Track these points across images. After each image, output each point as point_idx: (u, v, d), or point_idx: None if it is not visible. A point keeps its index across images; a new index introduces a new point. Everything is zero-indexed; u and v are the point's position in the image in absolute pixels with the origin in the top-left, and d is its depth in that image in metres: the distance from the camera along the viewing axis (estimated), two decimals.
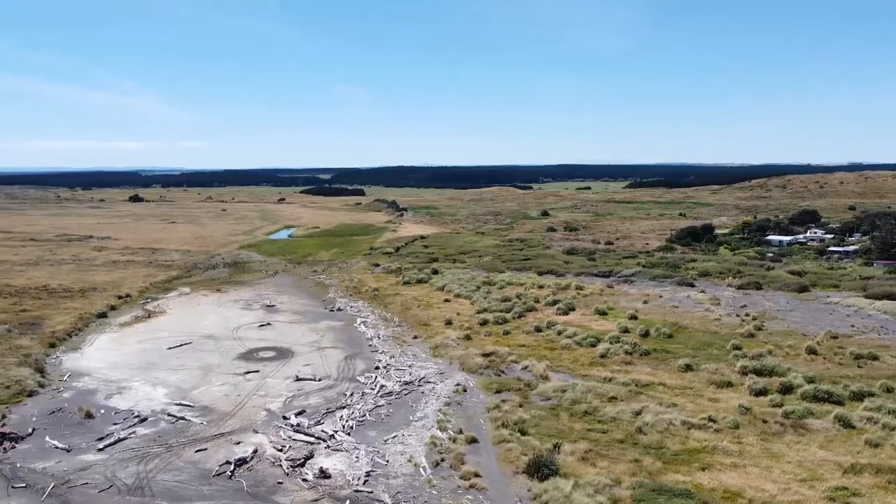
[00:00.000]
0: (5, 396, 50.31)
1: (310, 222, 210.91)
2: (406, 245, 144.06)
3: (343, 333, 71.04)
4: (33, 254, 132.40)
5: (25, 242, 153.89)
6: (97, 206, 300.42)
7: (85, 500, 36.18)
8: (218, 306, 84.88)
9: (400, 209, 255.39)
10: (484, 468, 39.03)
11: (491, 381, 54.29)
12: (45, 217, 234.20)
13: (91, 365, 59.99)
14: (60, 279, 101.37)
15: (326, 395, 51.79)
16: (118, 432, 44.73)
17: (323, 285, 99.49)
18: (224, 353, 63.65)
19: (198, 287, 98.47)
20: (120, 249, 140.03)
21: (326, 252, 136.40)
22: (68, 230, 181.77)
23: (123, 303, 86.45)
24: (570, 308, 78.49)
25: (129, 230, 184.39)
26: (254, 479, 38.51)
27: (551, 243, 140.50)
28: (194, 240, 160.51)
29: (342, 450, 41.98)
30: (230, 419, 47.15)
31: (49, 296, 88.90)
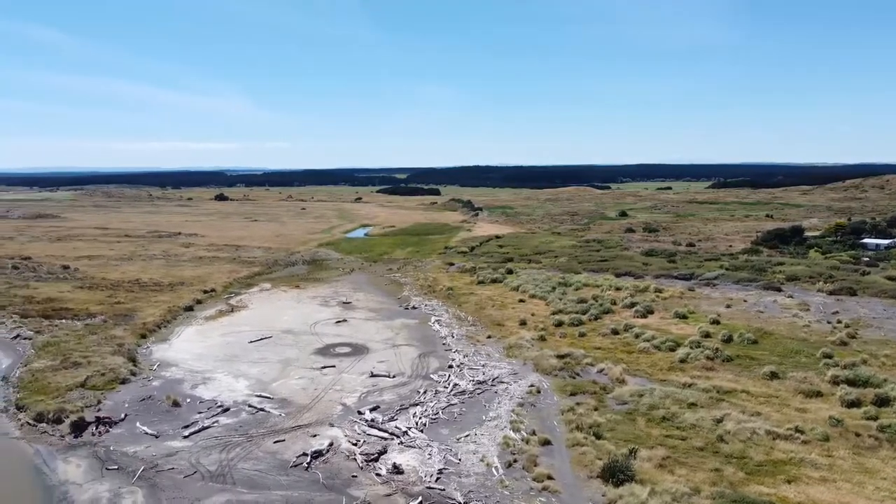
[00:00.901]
0: (101, 383, 53.16)
1: (386, 221, 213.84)
2: (481, 245, 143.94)
3: (417, 331, 71.59)
4: (127, 249, 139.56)
5: (120, 238, 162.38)
6: (185, 205, 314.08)
7: (171, 485, 37.78)
8: (297, 302, 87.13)
9: (475, 209, 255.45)
10: (557, 471, 38.49)
11: (565, 383, 53.52)
12: (138, 215, 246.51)
13: (178, 356, 62.66)
14: (151, 274, 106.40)
15: (400, 392, 52.29)
16: (202, 421, 46.54)
17: (398, 283, 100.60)
18: (302, 347, 65.26)
19: (278, 283, 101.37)
20: (206, 246, 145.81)
21: (402, 251, 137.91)
22: (159, 227, 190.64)
23: (208, 297, 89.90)
24: (649, 311, 76.48)
25: (215, 228, 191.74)
26: (329, 471, 39.28)
27: (629, 244, 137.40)
28: (275, 237, 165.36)
29: (415, 446, 42.27)
30: (307, 412, 48.27)
31: (141, 289, 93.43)
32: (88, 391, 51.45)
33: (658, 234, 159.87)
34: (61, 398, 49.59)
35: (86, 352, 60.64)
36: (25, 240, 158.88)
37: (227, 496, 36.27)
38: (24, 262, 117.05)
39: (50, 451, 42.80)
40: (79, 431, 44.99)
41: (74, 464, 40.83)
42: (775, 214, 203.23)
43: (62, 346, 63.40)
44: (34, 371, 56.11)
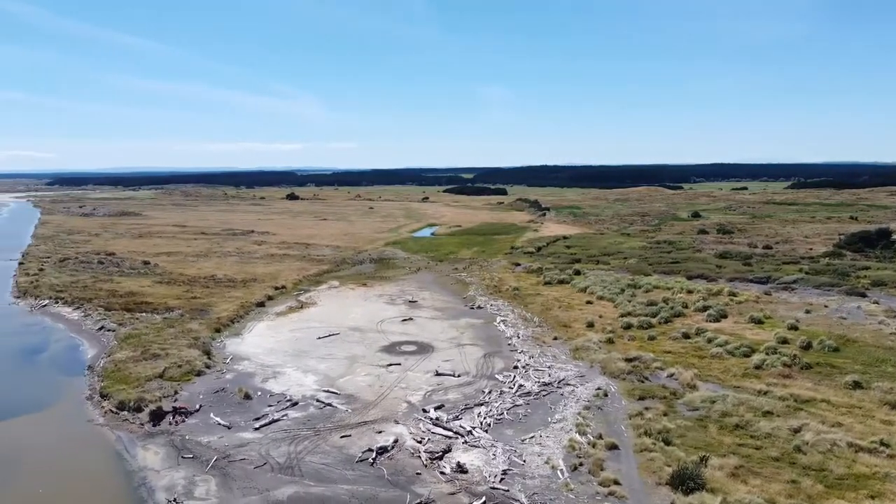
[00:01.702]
0: (177, 375, 55.28)
1: (452, 221, 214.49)
2: (548, 245, 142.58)
3: (482, 331, 71.49)
4: (203, 246, 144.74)
5: (197, 236, 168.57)
6: (258, 204, 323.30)
7: (242, 475, 38.91)
8: (364, 300, 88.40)
9: (542, 209, 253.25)
10: (624, 476, 37.70)
11: (634, 387, 52.41)
12: (213, 213, 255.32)
13: (250, 350, 64.54)
14: (225, 270, 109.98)
15: (465, 392, 52.32)
16: (272, 414, 47.77)
17: (464, 283, 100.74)
18: (368, 344, 66.14)
19: (346, 281, 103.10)
20: (277, 244, 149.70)
21: (468, 250, 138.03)
22: (233, 225, 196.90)
23: (279, 293, 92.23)
24: (722, 315, 74.04)
25: (286, 226, 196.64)
26: (394, 467, 39.65)
27: (702, 246, 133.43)
28: (343, 236, 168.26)
29: (479, 446, 42.20)
30: (373, 409, 48.87)
31: (215, 285, 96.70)
32: (166, 382, 53.60)
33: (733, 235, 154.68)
34: (141, 388, 51.82)
35: (164, 344, 63.19)
36: (110, 236, 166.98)
37: (295, 488, 37.09)
38: (109, 258, 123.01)
39: (130, 437, 44.80)
40: (157, 420, 46.92)
41: (153, 451, 42.59)
42: (860, 216, 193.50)
43: (142, 338, 66.27)
44: (117, 361, 58.85)
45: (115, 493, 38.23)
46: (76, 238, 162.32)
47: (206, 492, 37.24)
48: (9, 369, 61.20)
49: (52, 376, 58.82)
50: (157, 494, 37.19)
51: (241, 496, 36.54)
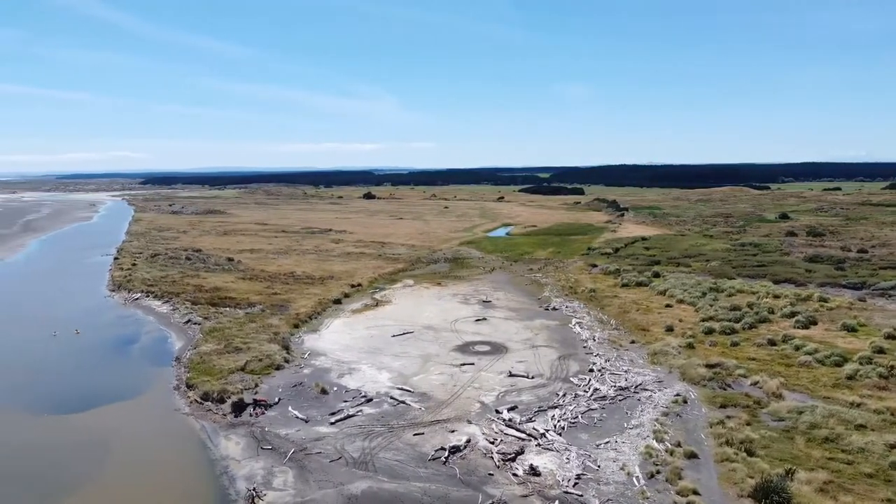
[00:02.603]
0: (258, 368, 57.07)
1: (527, 221, 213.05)
2: (626, 246, 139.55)
3: (557, 333, 70.61)
4: (283, 244, 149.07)
5: (277, 234, 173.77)
6: (336, 203, 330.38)
7: (318, 468, 39.78)
8: (438, 299, 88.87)
9: (620, 209, 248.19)
10: (703, 486, 36.40)
11: (715, 395, 50.57)
12: (293, 212, 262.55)
13: (326, 346, 65.95)
14: (304, 267, 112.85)
15: (539, 394, 51.79)
16: (347, 409, 48.64)
17: (539, 284, 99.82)
18: (442, 344, 66.43)
19: (420, 280, 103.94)
20: (354, 242, 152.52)
21: (543, 251, 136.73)
22: (311, 224, 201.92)
23: (355, 291, 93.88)
24: (811, 321, 70.50)
25: (362, 225, 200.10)
26: (466, 467, 39.63)
27: (790, 249, 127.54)
28: (418, 235, 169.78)
29: (553, 449, 41.67)
30: (446, 408, 49.03)
31: (295, 281, 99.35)
32: (247, 375, 55.42)
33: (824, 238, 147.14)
34: (224, 380, 53.78)
35: (246, 338, 65.38)
36: (197, 233, 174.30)
37: (368, 483, 37.61)
38: (196, 254, 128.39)
39: (214, 427, 46.57)
40: (238, 411, 48.59)
41: (234, 441, 44.13)
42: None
43: (226, 332, 68.78)
44: (202, 354, 61.30)
45: (199, 480, 39.81)
46: (166, 235, 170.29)
47: (284, 483, 38.26)
48: (105, 359, 64.75)
49: (142, 366, 61.87)
50: (238, 483, 38.49)
51: (317, 489, 37.35)
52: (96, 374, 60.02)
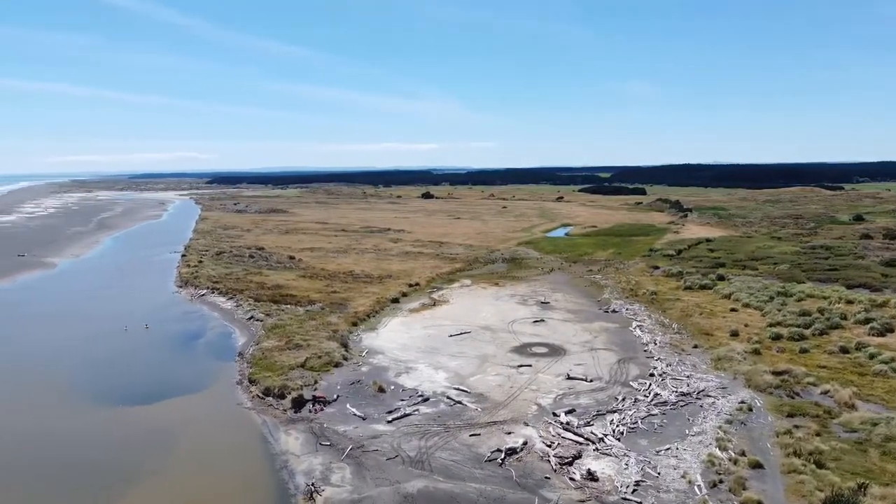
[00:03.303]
0: (317, 365, 58.01)
1: (587, 221, 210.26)
2: (689, 248, 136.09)
3: (617, 336, 69.38)
4: (343, 243, 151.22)
5: (337, 233, 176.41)
6: (394, 202, 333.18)
7: (375, 465, 40.14)
8: (495, 299, 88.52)
9: (683, 210, 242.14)
10: (769, 498, 35.12)
11: (782, 403, 48.75)
12: (353, 211, 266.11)
13: (384, 345, 66.52)
14: (363, 266, 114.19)
15: (597, 397, 50.97)
16: (404, 408, 48.93)
17: (598, 285, 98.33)
18: (499, 344, 66.12)
19: (478, 280, 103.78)
20: (412, 242, 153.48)
21: (603, 252, 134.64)
22: (370, 223, 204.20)
23: (413, 290, 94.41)
24: (888, 329, 67.23)
25: (420, 224, 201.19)
26: (523, 470, 39.32)
27: (865, 252, 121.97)
28: (476, 235, 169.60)
29: (611, 454, 40.95)
30: (502, 409, 48.77)
31: (353, 280, 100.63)
32: (307, 371, 56.40)
33: None
34: (284, 376, 54.86)
35: (305, 335, 66.55)
36: (260, 232, 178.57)
37: (424, 482, 37.72)
38: (259, 252, 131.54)
39: (274, 422, 47.57)
40: (298, 407, 49.49)
41: (294, 436, 44.97)
42: None
43: (286, 328, 70.17)
44: (264, 350, 62.71)
45: (259, 474, 40.72)
46: (231, 233, 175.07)
47: (342, 479, 38.76)
48: (172, 353, 67.00)
49: (207, 361, 63.74)
50: (297, 478, 39.21)
51: (373, 486, 37.68)
52: (164, 368, 62.16)
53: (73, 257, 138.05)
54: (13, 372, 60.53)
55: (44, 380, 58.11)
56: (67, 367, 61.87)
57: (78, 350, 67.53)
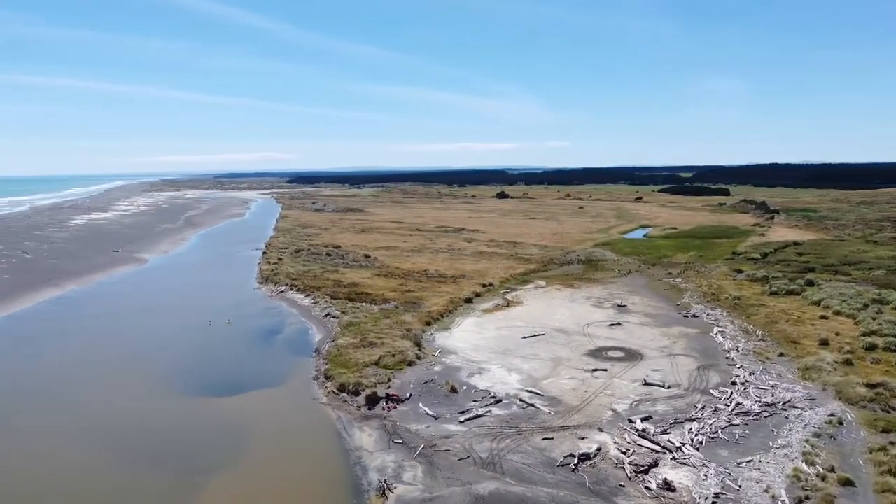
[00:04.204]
0: (391, 363, 58.66)
1: (667, 222, 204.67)
2: (775, 251, 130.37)
3: (697, 342, 67.16)
4: (417, 242, 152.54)
5: (412, 232, 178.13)
6: (469, 202, 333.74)
7: (447, 465, 40.23)
8: (570, 301, 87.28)
9: (770, 211, 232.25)
10: None
11: (876, 418, 45.97)
12: (428, 210, 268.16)
13: (457, 345, 66.63)
14: (437, 266, 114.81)
15: (675, 405, 49.46)
16: (476, 409, 48.84)
17: (677, 289, 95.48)
18: (573, 347, 65.14)
19: (552, 281, 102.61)
20: (486, 242, 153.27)
21: (683, 254, 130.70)
22: (445, 223, 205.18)
23: (486, 291, 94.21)
24: None
25: (494, 224, 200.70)
26: (596, 476, 38.56)
27: None
28: (551, 236, 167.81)
29: (689, 464, 39.64)
30: (576, 413, 48.00)
31: (427, 279, 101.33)
32: (381, 369, 57.11)
33: None
34: (359, 373, 55.74)
35: (380, 333, 67.43)
36: (337, 230, 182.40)
37: (496, 484, 37.51)
38: (335, 250, 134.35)
39: (349, 418, 48.40)
40: (372, 405, 50.18)
41: (367, 433, 45.62)
42: None
43: (361, 326, 71.32)
44: (339, 347, 63.93)
45: (334, 469, 41.52)
46: (309, 231, 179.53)
47: (414, 477, 39.03)
48: (252, 348, 69.24)
49: (285, 356, 65.55)
50: (370, 474, 39.75)
51: (445, 486, 37.77)
52: (245, 362, 64.30)
53: (162, 253, 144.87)
54: (108, 361, 63.95)
55: (134, 370, 61.18)
56: (156, 358, 64.92)
57: (166, 343, 70.78)
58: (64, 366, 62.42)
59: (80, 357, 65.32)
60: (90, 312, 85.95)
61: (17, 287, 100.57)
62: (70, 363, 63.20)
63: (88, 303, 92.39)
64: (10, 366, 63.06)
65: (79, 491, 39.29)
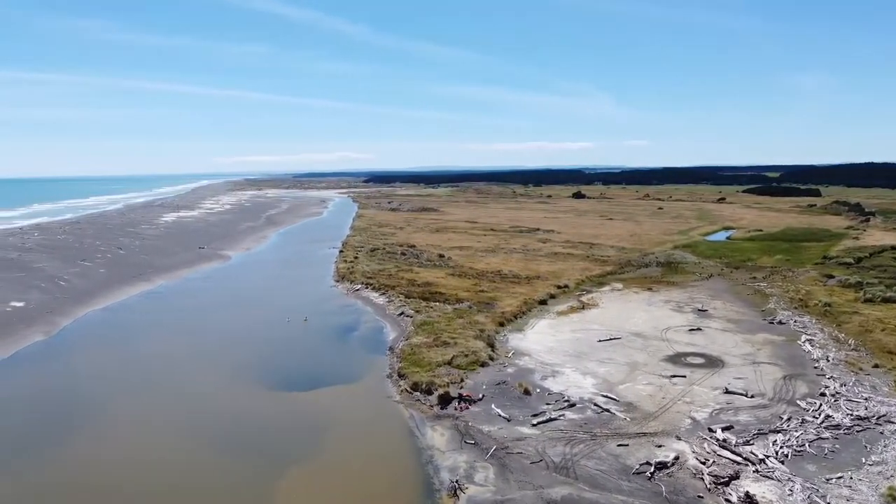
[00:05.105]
0: (464, 363, 58.67)
1: (752, 224, 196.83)
2: (871, 256, 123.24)
3: (783, 350, 64.20)
4: (491, 242, 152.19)
5: (486, 232, 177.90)
6: (544, 202, 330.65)
7: (519, 468, 39.90)
8: (648, 305, 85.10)
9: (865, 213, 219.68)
10: None
11: None
12: (502, 210, 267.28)
13: (530, 346, 66.02)
14: (511, 266, 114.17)
15: (758, 415, 47.41)
16: (550, 412, 48.23)
17: (763, 294, 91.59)
18: (651, 352, 63.45)
19: (629, 284, 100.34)
20: (561, 242, 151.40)
21: (769, 258, 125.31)
22: (519, 222, 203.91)
23: (561, 292, 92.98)
24: None
25: (570, 225, 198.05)
26: (673, 486, 37.41)
27: None
28: (629, 237, 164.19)
29: (773, 478, 37.89)
30: (652, 420, 46.72)
31: (501, 280, 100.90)
32: (454, 369, 57.22)
33: None
34: (432, 372, 56.03)
35: (453, 333, 67.57)
36: (412, 230, 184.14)
37: (569, 489, 36.94)
38: (410, 249, 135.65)
39: (421, 417, 48.70)
40: (444, 404, 50.32)
41: (439, 432, 45.77)
42: None
43: (435, 325, 71.66)
44: (413, 345, 64.45)
45: (406, 466, 41.88)
46: (384, 231, 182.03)
47: (485, 479, 38.90)
48: (328, 345, 70.74)
49: (360, 354, 66.62)
50: (442, 474, 39.86)
51: (516, 489, 37.46)
52: (321, 358, 65.79)
53: (244, 251, 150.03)
54: (193, 354, 66.79)
55: (218, 363, 63.60)
56: (237, 352, 67.28)
57: (247, 337, 73.24)
58: (152, 357, 65.56)
59: (167, 349, 68.41)
60: (177, 306, 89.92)
61: (112, 281, 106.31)
62: (158, 355, 66.31)
63: (176, 297, 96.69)
64: (105, 356, 66.64)
65: (168, 474, 41.06)
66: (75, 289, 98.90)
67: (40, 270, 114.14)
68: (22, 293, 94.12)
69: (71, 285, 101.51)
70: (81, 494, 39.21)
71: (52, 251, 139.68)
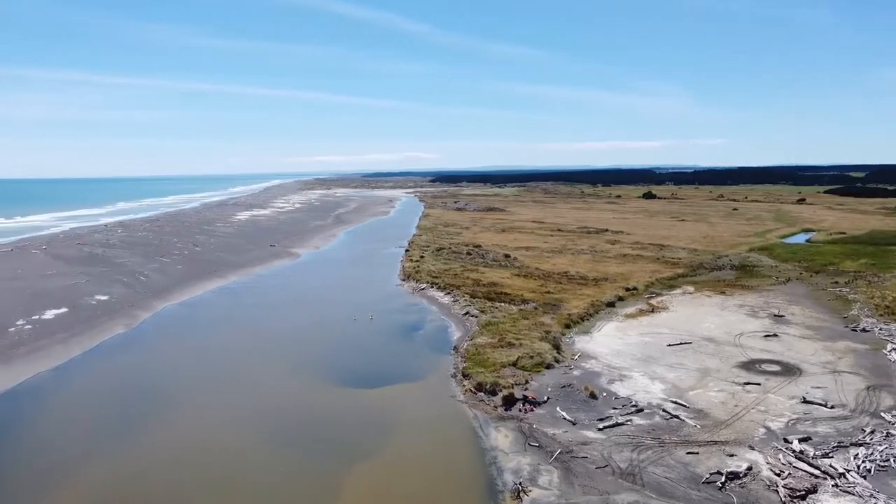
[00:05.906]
0: (528, 365, 58.22)
1: (833, 226, 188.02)
2: None
3: (866, 359, 61.03)
4: (558, 243, 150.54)
5: (553, 232, 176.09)
6: (613, 202, 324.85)
7: (584, 472, 39.31)
8: (720, 309, 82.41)
9: None
10: None
11: None
12: (569, 210, 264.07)
13: (597, 349, 64.93)
14: (578, 267, 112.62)
15: (838, 427, 45.21)
16: (616, 417, 47.33)
17: (844, 299, 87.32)
18: (723, 358, 61.42)
19: (701, 287, 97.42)
20: (630, 244, 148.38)
21: (852, 262, 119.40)
22: (587, 223, 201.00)
23: (630, 295, 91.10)
24: None
25: (640, 226, 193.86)
26: (746, 497, 36.12)
27: None
28: (701, 238, 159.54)
29: (854, 493, 36.08)
30: (724, 428, 45.21)
31: (568, 281, 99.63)
32: (518, 371, 56.85)
33: None
34: (496, 373, 55.80)
35: (518, 334, 67.14)
36: (478, 230, 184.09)
37: (635, 496, 36.16)
38: (476, 249, 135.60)
39: (485, 418, 48.58)
40: (508, 405, 50.06)
41: (503, 434, 45.56)
42: None
43: (500, 326, 71.38)
44: (477, 346, 64.36)
45: (470, 467, 41.84)
46: (450, 230, 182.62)
47: (549, 482, 38.48)
48: (393, 343, 71.45)
49: (425, 352, 67.00)
50: (505, 475, 39.66)
51: (581, 493, 36.92)
52: (386, 357, 66.52)
53: (313, 249, 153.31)
54: (263, 349, 68.65)
55: (286, 358, 65.19)
56: (305, 349, 68.88)
57: (315, 334, 74.84)
58: (224, 351, 67.81)
59: (238, 344, 70.60)
60: (249, 302, 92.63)
61: (188, 277, 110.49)
62: (229, 349, 68.53)
63: (248, 293, 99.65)
64: (181, 349, 69.32)
65: (237, 465, 42.31)
66: (154, 284, 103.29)
67: (123, 266, 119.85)
68: (106, 287, 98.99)
69: (150, 280, 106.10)
70: (157, 479, 40.78)
71: (133, 247, 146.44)
